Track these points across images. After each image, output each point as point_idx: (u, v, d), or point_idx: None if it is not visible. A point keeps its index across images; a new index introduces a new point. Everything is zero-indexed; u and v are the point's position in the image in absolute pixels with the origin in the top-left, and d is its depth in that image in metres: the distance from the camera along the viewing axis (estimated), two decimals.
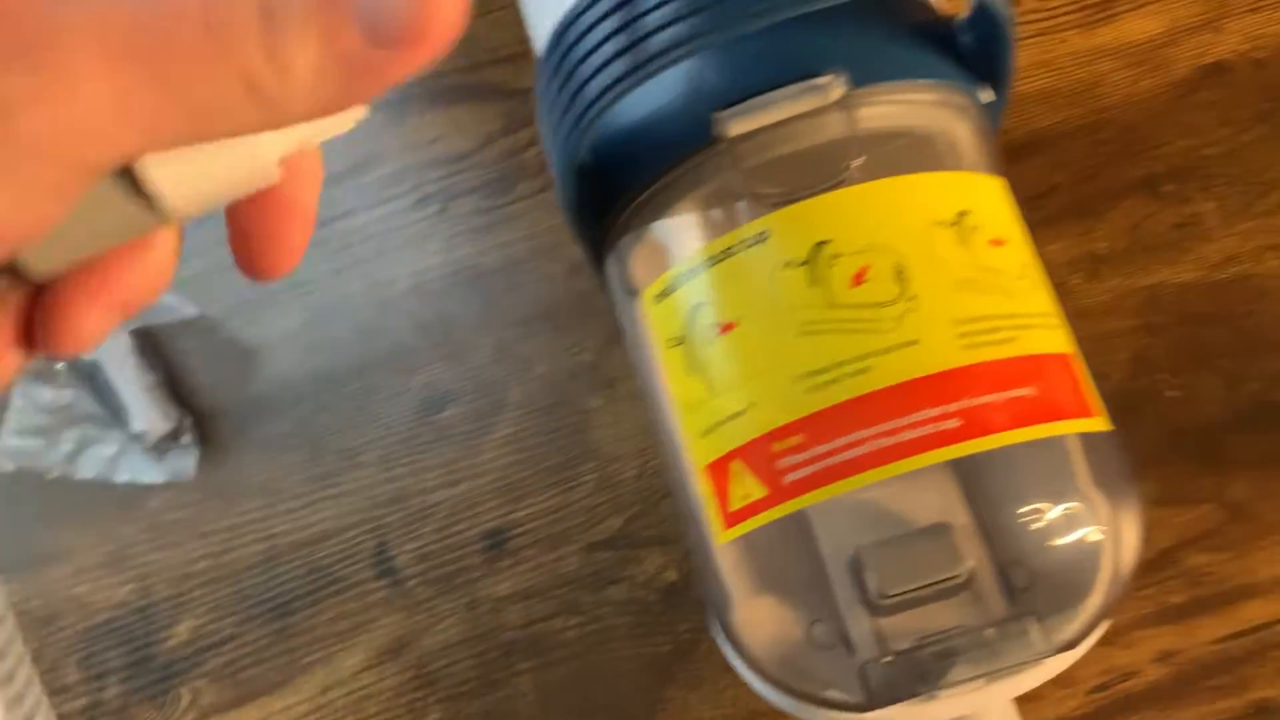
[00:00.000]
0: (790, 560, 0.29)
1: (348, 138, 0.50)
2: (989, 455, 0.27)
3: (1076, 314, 0.44)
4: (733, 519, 0.29)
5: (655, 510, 0.45)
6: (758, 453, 0.28)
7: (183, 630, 0.46)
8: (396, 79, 0.16)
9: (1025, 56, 0.48)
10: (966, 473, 0.29)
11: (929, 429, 0.26)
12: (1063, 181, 0.46)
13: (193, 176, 0.17)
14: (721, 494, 0.29)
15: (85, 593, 0.47)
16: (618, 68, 0.28)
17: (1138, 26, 0.47)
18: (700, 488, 0.30)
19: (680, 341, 0.30)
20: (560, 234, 0.49)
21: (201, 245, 0.51)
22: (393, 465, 0.47)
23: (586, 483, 0.45)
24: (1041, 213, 0.46)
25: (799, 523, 0.29)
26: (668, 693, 0.42)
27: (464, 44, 0.48)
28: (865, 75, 0.29)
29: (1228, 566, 0.41)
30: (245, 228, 0.20)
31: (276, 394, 0.49)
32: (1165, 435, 0.42)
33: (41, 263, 0.17)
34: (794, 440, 0.27)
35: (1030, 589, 0.29)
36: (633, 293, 0.32)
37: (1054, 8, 0.48)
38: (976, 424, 0.26)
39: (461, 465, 0.46)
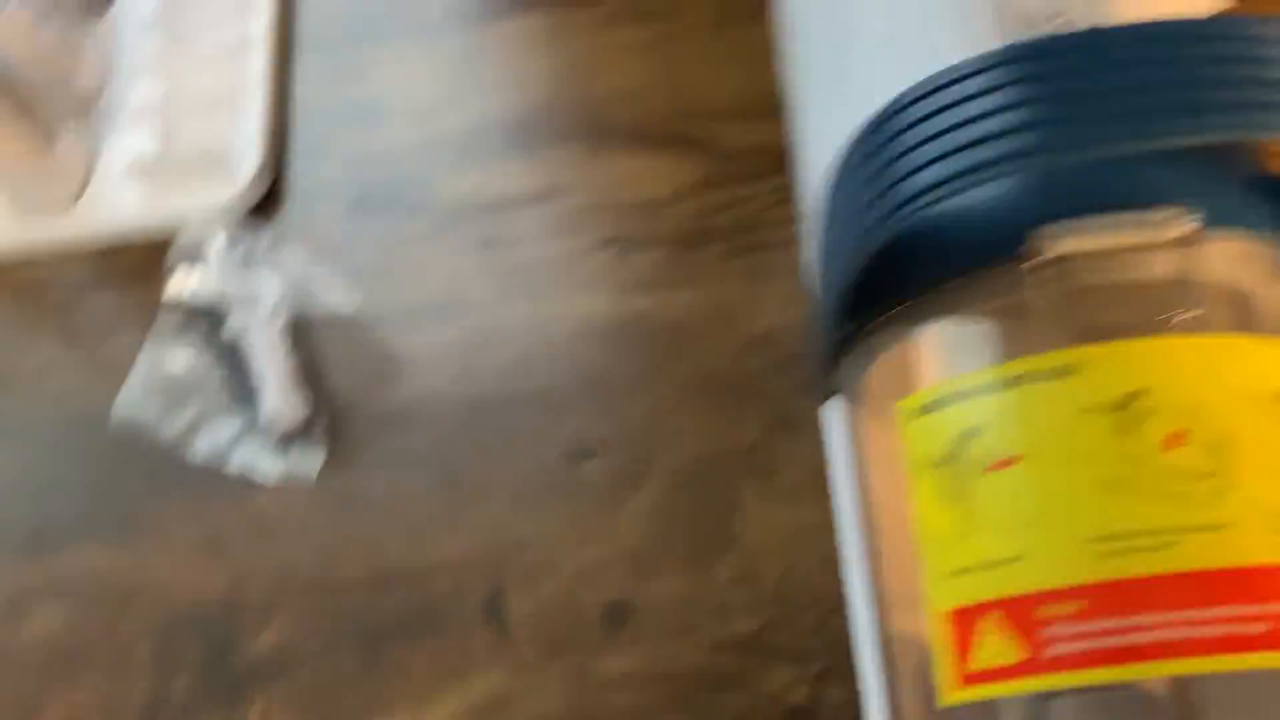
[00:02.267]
0: None
1: (543, 164, 0.48)
2: None
3: None
4: (971, 679, 0.25)
5: (794, 621, 0.41)
6: (1021, 611, 0.25)
7: (268, 639, 0.43)
8: None
9: None
10: None
11: (1230, 629, 0.23)
12: None
13: None
14: (961, 647, 0.26)
15: (173, 577, 0.45)
16: (941, 170, 0.25)
17: None
18: (933, 633, 0.26)
19: (939, 465, 0.27)
20: (740, 307, 0.47)
21: (371, 241, 0.49)
22: (523, 510, 0.44)
23: (724, 575, 0.42)
24: None
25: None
26: None
27: (679, 91, 0.46)
28: (1214, 218, 0.27)
29: None
30: None
31: (416, 410, 0.46)
32: None
33: None
34: (1070, 607, 0.24)
35: None
36: (871, 398, 0.29)
37: None
38: None
39: (594, 526, 0.43)
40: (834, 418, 0.38)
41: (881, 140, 0.27)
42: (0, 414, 0.49)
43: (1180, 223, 0.26)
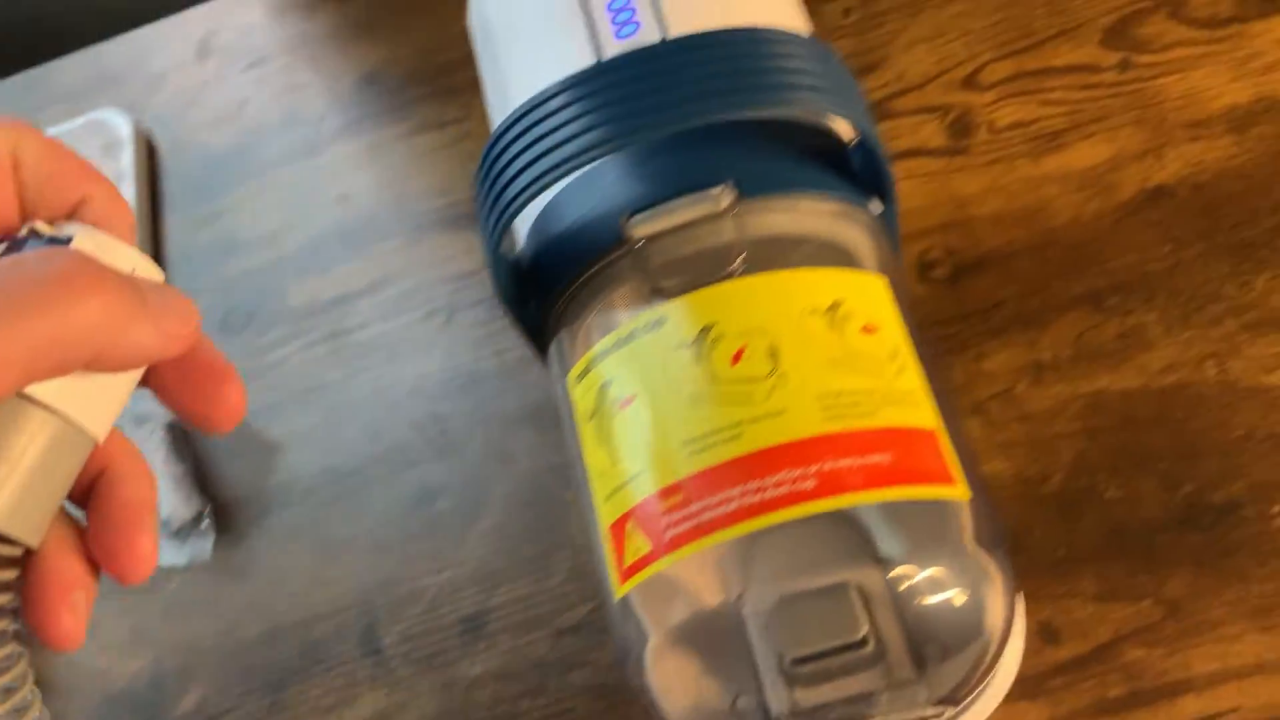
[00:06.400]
0: (702, 632, 0.32)
1: (372, 260, 0.56)
2: (876, 520, 0.30)
3: (1021, 418, 0.46)
4: (626, 574, 0.32)
5: None
6: (646, 512, 0.31)
7: (190, 701, 0.50)
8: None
9: (977, 182, 0.52)
10: (860, 539, 0.32)
11: (788, 489, 0.29)
12: (1010, 296, 0.49)
13: (85, 396, 0.22)
14: (619, 552, 0.32)
15: (106, 666, 0.52)
16: (528, 176, 0.32)
17: (1085, 154, 0.51)
18: (605, 548, 0.33)
19: (593, 415, 0.34)
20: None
21: (238, 352, 0.57)
22: (386, 554, 0.51)
23: (559, 572, 0.49)
24: (989, 324, 0.49)
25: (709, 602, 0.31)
26: None
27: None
28: (753, 187, 0.34)
29: (1165, 661, 0.42)
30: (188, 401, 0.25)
31: (290, 486, 0.54)
32: (1105, 534, 0.44)
33: (27, 532, 0.22)
34: (675, 499, 0.31)
35: (916, 651, 0.31)
36: (558, 373, 0.36)
37: (1007, 139, 0.52)
38: (830, 484, 0.29)
39: (447, 554, 0.50)
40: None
41: (488, 167, 0.34)
42: None
43: (728, 195, 0.33)
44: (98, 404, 0.23)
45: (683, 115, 0.31)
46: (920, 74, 0.54)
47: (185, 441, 0.55)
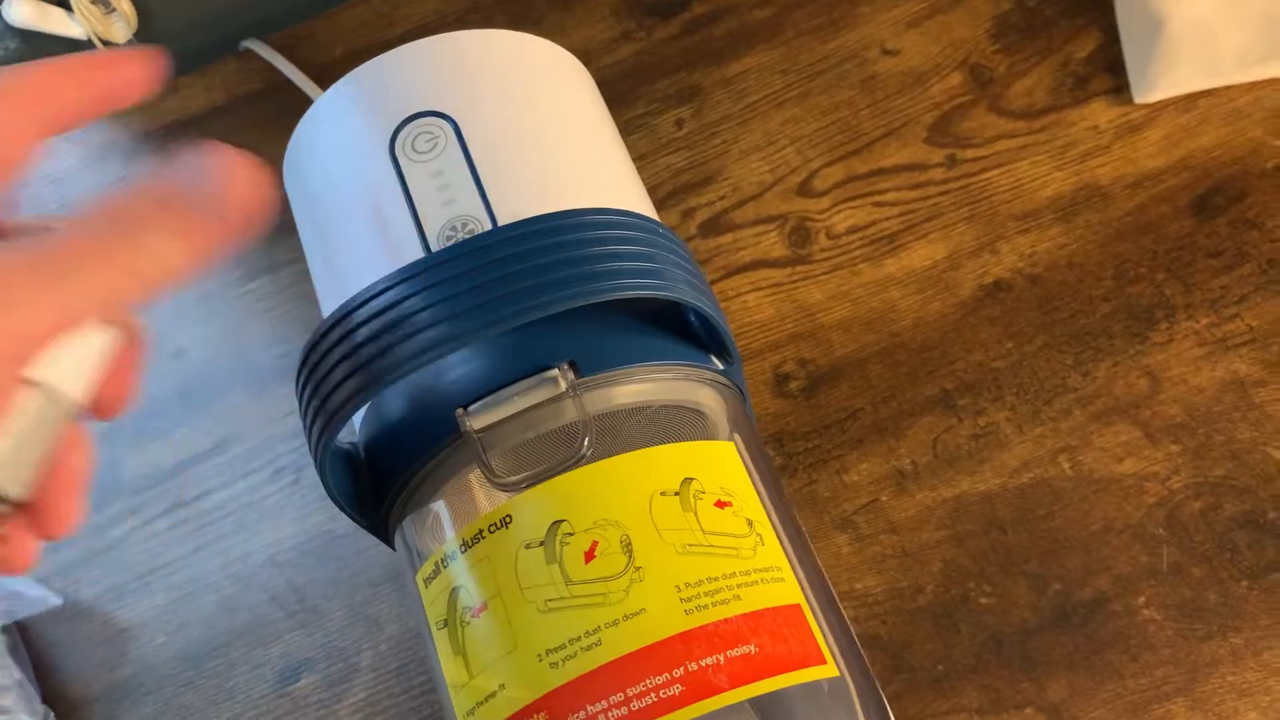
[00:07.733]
0: None
1: (212, 419, 0.53)
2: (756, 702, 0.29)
3: (888, 529, 0.46)
4: None
5: None
6: None
7: None
8: (230, 245, 0.23)
9: (822, 290, 0.52)
10: None
11: (654, 697, 0.28)
12: (865, 404, 0.49)
13: (70, 373, 0.23)
14: None
15: None
16: (353, 385, 0.31)
17: (922, 254, 0.52)
18: None
19: (445, 624, 0.32)
20: None
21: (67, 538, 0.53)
22: None
23: None
24: (848, 435, 0.49)
25: None
26: None
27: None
28: (592, 364, 0.33)
29: None
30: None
31: (142, 677, 0.50)
32: (982, 642, 0.44)
33: (16, 486, 0.24)
34: (539, 718, 0.29)
35: None
36: (407, 571, 0.35)
37: (846, 244, 0.53)
38: (698, 688, 0.28)
39: None
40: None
41: (311, 365, 0.33)
42: None
43: (567, 375, 0.32)
44: (80, 368, 0.24)
45: (516, 313, 0.30)
46: (756, 184, 0.55)
47: (24, 642, 0.51)
